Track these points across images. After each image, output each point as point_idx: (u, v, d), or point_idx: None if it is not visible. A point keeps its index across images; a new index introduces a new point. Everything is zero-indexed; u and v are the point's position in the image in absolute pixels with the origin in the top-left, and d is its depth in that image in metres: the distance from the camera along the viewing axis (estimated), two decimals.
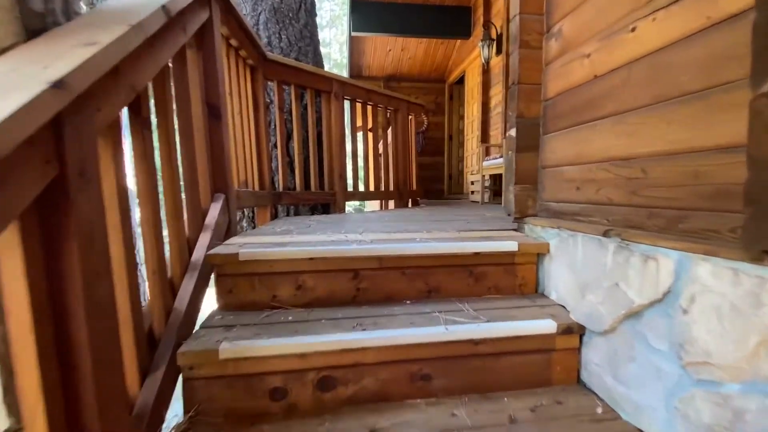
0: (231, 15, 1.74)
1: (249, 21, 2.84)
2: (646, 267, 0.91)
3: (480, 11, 5.69)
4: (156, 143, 1.09)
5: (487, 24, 5.04)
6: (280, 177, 2.61)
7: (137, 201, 1.03)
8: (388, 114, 3.66)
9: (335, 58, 16.30)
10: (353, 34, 5.99)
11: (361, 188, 3.45)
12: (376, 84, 7.42)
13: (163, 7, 1.01)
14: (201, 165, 1.44)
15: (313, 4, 3.28)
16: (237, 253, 1.23)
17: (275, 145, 2.68)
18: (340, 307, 1.26)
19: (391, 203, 3.75)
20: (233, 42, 1.86)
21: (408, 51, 6.95)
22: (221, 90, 1.53)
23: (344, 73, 7.33)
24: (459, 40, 6.52)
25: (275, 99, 2.54)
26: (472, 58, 6.12)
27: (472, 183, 4.76)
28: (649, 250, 0.91)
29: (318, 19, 3.59)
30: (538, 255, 1.41)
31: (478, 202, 4.39)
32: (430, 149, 7.71)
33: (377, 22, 5.93)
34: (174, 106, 1.25)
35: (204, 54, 1.47)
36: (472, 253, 1.34)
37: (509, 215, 1.63)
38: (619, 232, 1.04)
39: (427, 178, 7.73)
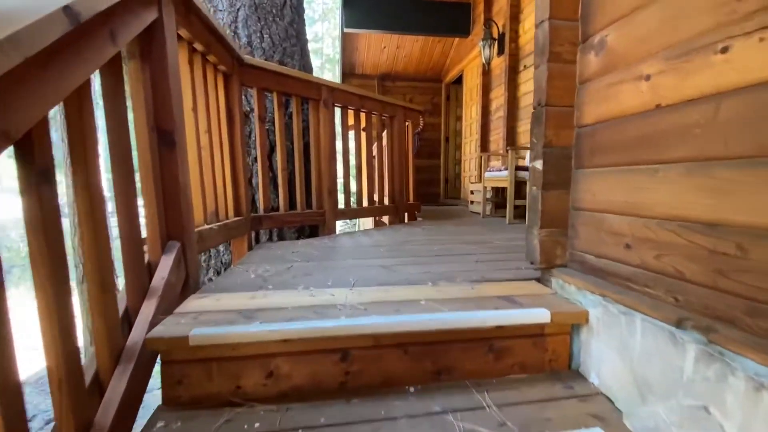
0: (193, 13, 1.42)
1: (226, 18, 2.51)
2: (759, 398, 0.64)
3: (480, 8, 5.38)
4: (63, 197, 0.78)
5: (488, 22, 4.74)
6: (260, 196, 2.30)
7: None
8: (384, 121, 3.35)
9: (327, 53, 15.86)
10: (346, 30, 5.65)
11: (353, 198, 3.16)
12: (370, 83, 7.11)
13: (66, 8, 0.70)
14: (149, 209, 1.14)
15: (300, 0, 2.95)
16: (187, 337, 0.93)
17: (255, 159, 2.37)
18: (324, 402, 0.97)
19: (386, 217, 3.45)
20: (198, 46, 1.54)
21: (403, 49, 6.62)
22: (176, 110, 1.22)
23: (336, 70, 6.94)
24: (457, 39, 6.21)
25: (255, 107, 2.22)
26: (472, 57, 5.82)
27: (472, 192, 4.48)
28: (763, 374, 0.64)
29: (309, 13, 3.30)
30: (573, 324, 1.13)
31: (478, 214, 4.11)
32: (425, 151, 7.41)
33: (371, 18, 5.59)
34: (103, 138, 0.94)
35: (152, 65, 1.15)
36: (493, 327, 1.06)
37: (532, 263, 1.35)
38: (700, 324, 0.76)
39: (423, 182, 7.45)
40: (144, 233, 1.13)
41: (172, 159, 1.19)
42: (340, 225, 2.98)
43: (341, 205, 2.89)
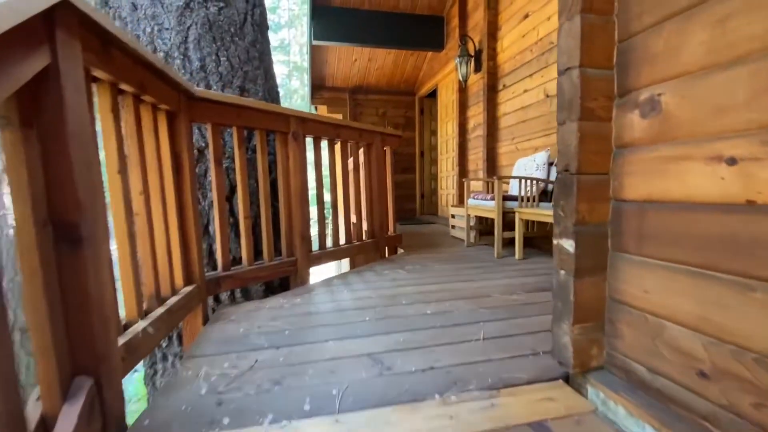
0: (114, 46, 1.07)
1: (174, 38, 2.13)
2: None
3: (455, 22, 5.23)
4: None
5: (464, 38, 4.57)
6: (218, 248, 1.93)
7: None
8: (361, 149, 3.06)
9: (295, 60, 15.40)
10: (314, 43, 5.32)
11: (330, 234, 2.84)
12: (341, 96, 6.81)
13: None
14: (38, 338, 0.78)
15: (263, 15, 2.61)
16: None
17: (212, 204, 2.01)
18: None
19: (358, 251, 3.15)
20: (127, 87, 1.19)
21: (375, 62, 6.37)
22: (85, 190, 0.87)
23: (305, 78, 6.56)
24: (430, 53, 6.04)
25: (210, 146, 1.86)
26: (446, 72, 5.65)
27: (453, 216, 4.26)
28: None
29: (275, 19, 2.96)
30: None
31: (461, 240, 3.89)
32: (400, 166, 7.17)
33: (340, 30, 5.30)
34: None
35: (42, 133, 0.80)
36: None
37: (561, 364, 1.10)
38: None
39: (398, 198, 7.17)
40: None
41: (78, 263, 0.84)
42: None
43: (316, 245, 2.56)
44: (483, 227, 3.73)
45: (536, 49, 3.49)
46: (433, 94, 6.63)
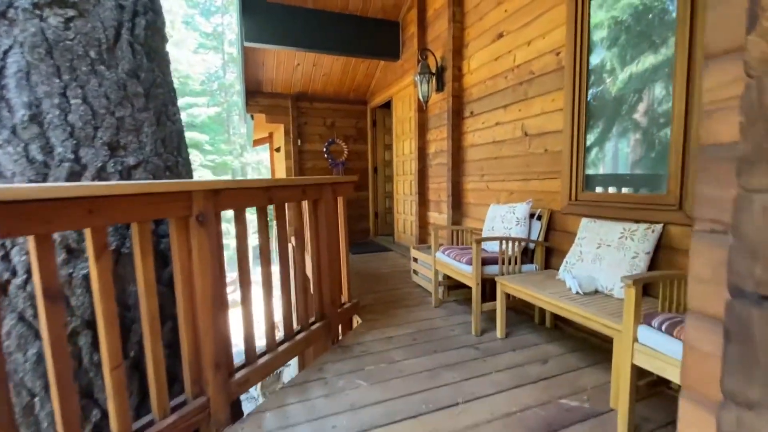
0: None
1: None
2: None
3: (412, 29, 4.61)
4: None
5: (424, 52, 3.98)
6: (59, 420, 1.15)
7: None
8: (305, 205, 2.34)
9: (230, 51, 13.88)
10: (246, 44, 4.42)
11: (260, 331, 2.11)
12: (282, 102, 5.93)
13: None
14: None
15: (153, 26, 1.78)
16: None
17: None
18: None
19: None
20: None
21: (321, 67, 5.58)
22: None
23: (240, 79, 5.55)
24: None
25: (35, 269, 1.07)
26: (402, 85, 5.04)
27: (416, 260, 3.69)
28: None
29: (206, 3, 2.07)
30: None
31: (427, 293, 3.34)
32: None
33: (278, 31, 4.45)
34: None
35: None
36: None
37: None
38: None
39: (350, 217, 6.50)
40: None
41: None
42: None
43: (241, 356, 1.83)
44: (451, 281, 3.20)
45: (512, 77, 2.98)
46: (387, 105, 6.00)
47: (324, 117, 6.29)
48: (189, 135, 11.42)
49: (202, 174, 11.64)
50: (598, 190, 2.38)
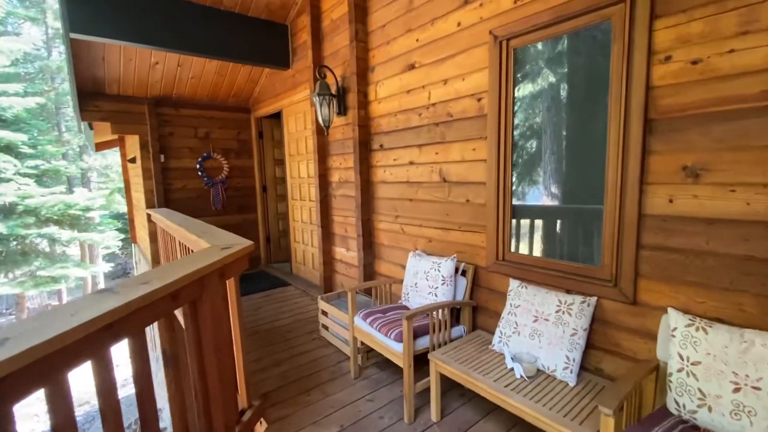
0: None
1: None
2: None
3: (304, 38, 4.01)
4: None
5: (322, 70, 3.45)
6: None
7: None
8: (179, 313, 1.63)
9: (57, 26, 10.76)
10: (73, 36, 3.20)
11: None
12: (136, 108, 4.68)
13: None
14: None
15: None
16: None
17: None
18: None
19: None
20: None
21: (188, 68, 4.52)
22: None
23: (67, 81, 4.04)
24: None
25: None
26: (296, 99, 4.40)
27: (325, 314, 3.19)
28: None
29: None
30: None
31: (341, 355, 2.89)
32: (234, 204, 5.57)
33: (123, 24, 3.35)
34: None
35: None
36: None
37: None
38: None
39: None
40: None
41: None
42: None
43: None
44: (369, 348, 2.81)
45: (428, 115, 2.70)
46: (277, 115, 5.25)
47: (195, 126, 5.18)
48: None
49: (21, 186, 8.79)
50: (524, 249, 2.27)
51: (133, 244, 7.52)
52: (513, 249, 2.29)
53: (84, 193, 10.16)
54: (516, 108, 2.20)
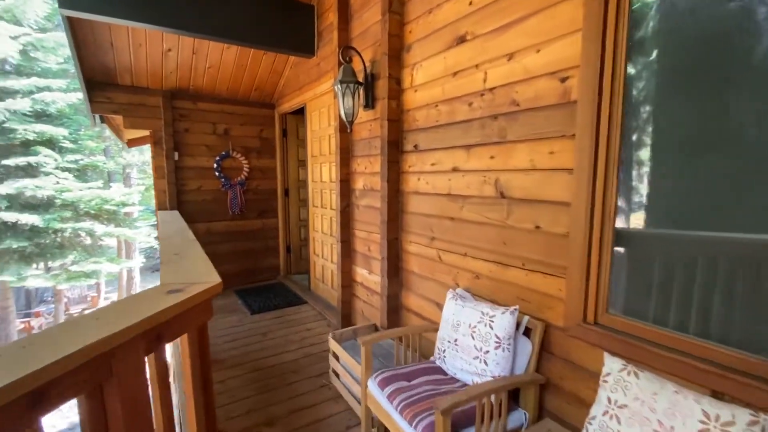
0: None
1: None
2: None
3: (331, 18, 3.39)
4: None
5: (348, 52, 2.80)
6: None
7: None
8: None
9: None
10: (64, 12, 2.77)
11: None
12: (151, 101, 4.29)
13: None
14: None
15: None
16: None
17: None
18: None
19: None
20: None
21: (204, 55, 4.05)
22: None
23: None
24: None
25: None
26: (320, 91, 3.80)
27: (337, 358, 2.52)
28: None
29: None
30: None
31: (354, 421, 2.21)
32: (254, 207, 5.07)
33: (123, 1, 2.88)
34: None
35: None
36: None
37: None
38: None
39: (254, 251, 5.10)
40: None
41: None
42: None
43: None
44: None
45: (483, 105, 1.96)
46: (302, 110, 4.68)
47: (214, 122, 4.73)
48: (39, 128, 8.62)
49: (60, 180, 8.93)
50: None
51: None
52: (612, 308, 1.50)
53: (120, 189, 10.25)
54: (630, 93, 1.41)
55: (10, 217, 7.82)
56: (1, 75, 8.41)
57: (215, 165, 4.75)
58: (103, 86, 4.05)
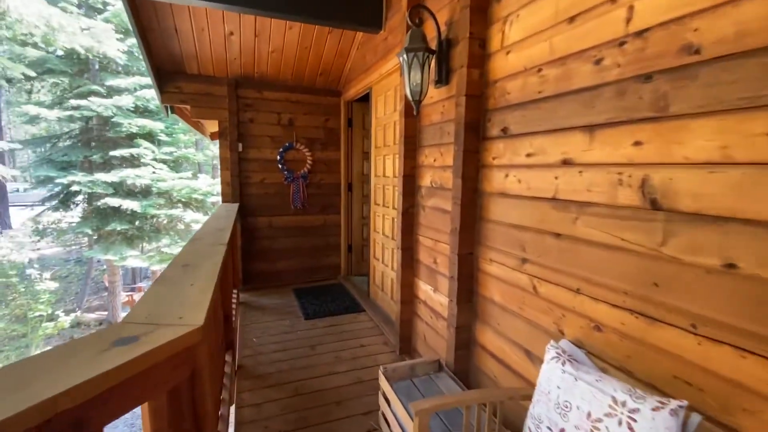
0: None
1: None
2: None
3: None
4: None
5: (417, 11, 2.21)
6: None
7: None
8: None
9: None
10: None
11: None
12: (218, 90, 4.16)
13: None
14: None
15: None
16: None
17: None
18: None
19: None
20: None
21: (267, 39, 3.77)
22: None
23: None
24: (361, 32, 3.61)
25: None
26: (384, 71, 3.27)
27: (388, 402, 1.99)
28: None
29: None
30: None
31: None
32: (317, 203, 4.76)
33: None
34: None
35: None
36: None
37: None
38: None
39: (314, 249, 4.81)
40: None
41: None
42: None
43: None
44: None
45: (620, 58, 1.23)
46: (366, 97, 4.21)
47: (278, 112, 4.49)
48: (140, 122, 9.51)
49: (156, 170, 9.80)
50: None
51: None
52: None
53: (207, 180, 10.98)
54: None
55: (115, 202, 8.75)
56: (112, 74, 9.42)
57: (278, 157, 4.52)
58: (173, 75, 4.01)
